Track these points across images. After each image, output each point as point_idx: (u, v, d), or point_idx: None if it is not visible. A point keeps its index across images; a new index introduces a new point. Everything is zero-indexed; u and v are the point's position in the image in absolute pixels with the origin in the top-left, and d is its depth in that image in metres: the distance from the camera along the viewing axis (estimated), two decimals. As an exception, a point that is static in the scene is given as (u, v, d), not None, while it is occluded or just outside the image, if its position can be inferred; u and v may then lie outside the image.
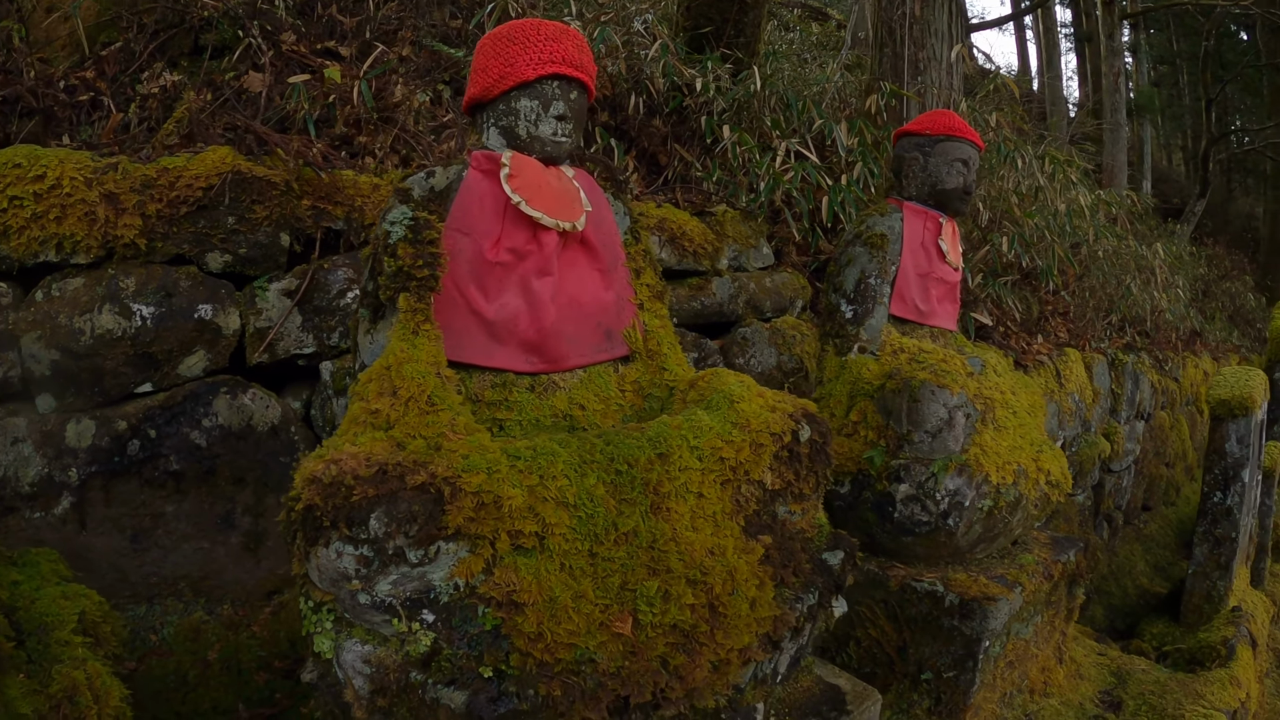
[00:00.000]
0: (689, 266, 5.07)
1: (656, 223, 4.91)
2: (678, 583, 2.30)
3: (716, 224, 5.31)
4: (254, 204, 3.79)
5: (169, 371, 3.61)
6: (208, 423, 3.62)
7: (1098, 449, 6.91)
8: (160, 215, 3.62)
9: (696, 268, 5.11)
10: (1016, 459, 3.71)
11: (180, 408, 3.60)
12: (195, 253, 3.70)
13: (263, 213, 3.81)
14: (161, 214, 3.62)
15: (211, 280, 3.70)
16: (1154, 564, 8.32)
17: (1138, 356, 7.91)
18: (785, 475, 2.66)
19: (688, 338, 4.93)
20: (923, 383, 3.59)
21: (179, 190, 3.65)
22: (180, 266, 3.66)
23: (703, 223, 5.23)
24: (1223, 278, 17.94)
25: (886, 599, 3.67)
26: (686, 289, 5.05)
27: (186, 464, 3.58)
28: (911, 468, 3.59)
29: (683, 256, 5.01)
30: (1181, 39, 29.33)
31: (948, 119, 4.11)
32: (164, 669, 3.52)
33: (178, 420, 3.58)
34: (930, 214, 4.13)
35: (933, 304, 4.15)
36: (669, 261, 4.94)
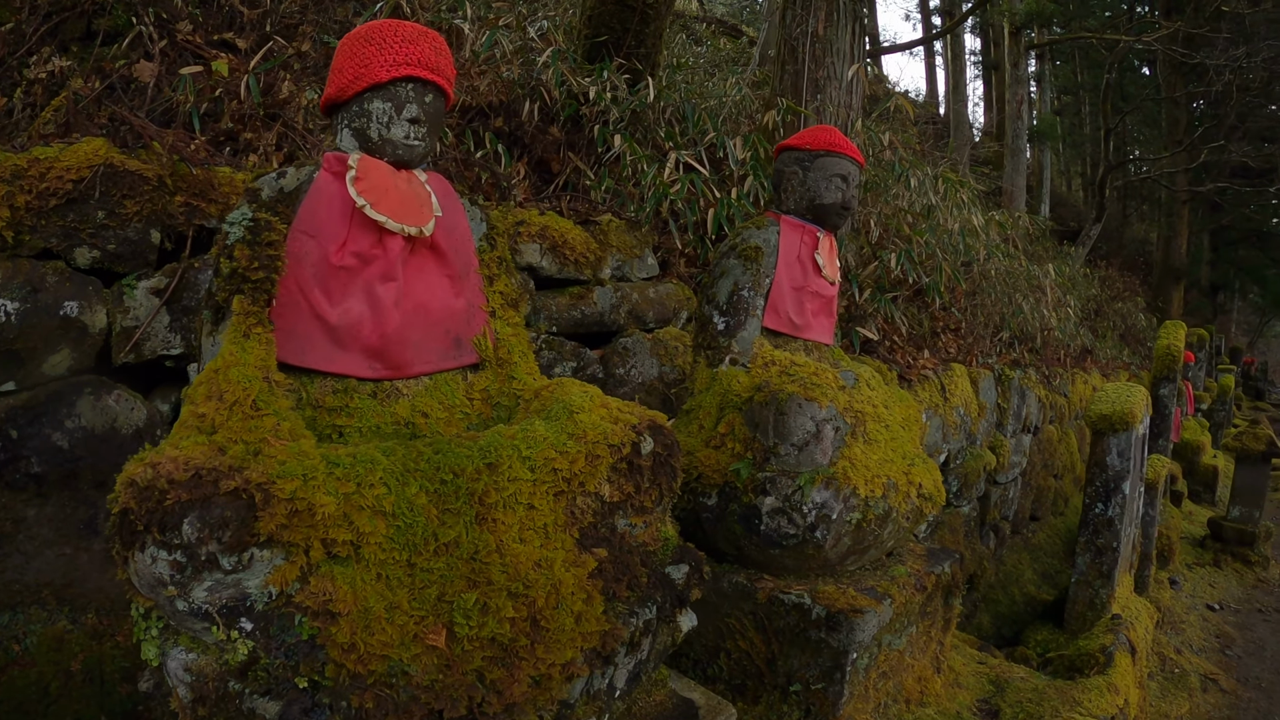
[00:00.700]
0: (570, 275, 4.96)
1: (538, 230, 4.80)
2: (498, 595, 2.21)
3: (600, 233, 5.19)
4: (125, 199, 3.59)
5: (32, 370, 3.40)
6: (70, 424, 3.42)
7: (983, 461, 6.87)
8: (29, 208, 3.41)
9: (578, 277, 5.00)
10: (887, 472, 3.61)
11: (43, 408, 3.40)
12: (63, 247, 3.50)
13: (134, 208, 3.62)
14: (30, 206, 3.41)
15: (79, 276, 3.50)
16: (1041, 572, 8.33)
17: (1024, 372, 7.89)
18: (625, 488, 2.57)
19: (567, 347, 4.82)
20: (790, 395, 3.48)
21: (49, 182, 3.45)
22: (47, 261, 3.46)
23: (586, 232, 5.11)
24: (1115, 298, 18.25)
25: (755, 611, 3.56)
26: (567, 298, 4.93)
27: (48, 466, 3.38)
28: (778, 480, 3.48)
29: (564, 265, 4.89)
30: (1085, 71, 29.97)
31: (828, 135, 4.03)
32: (26, 680, 3.34)
33: (40, 421, 3.38)
34: (808, 228, 4.04)
35: (808, 317, 4.06)
36: (549, 270, 4.83)
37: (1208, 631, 8.21)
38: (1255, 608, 9.29)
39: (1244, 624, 8.72)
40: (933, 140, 16.08)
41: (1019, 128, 17.68)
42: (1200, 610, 8.75)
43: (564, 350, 4.80)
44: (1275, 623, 8.88)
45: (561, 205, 5.33)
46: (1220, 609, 8.98)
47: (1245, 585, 10.05)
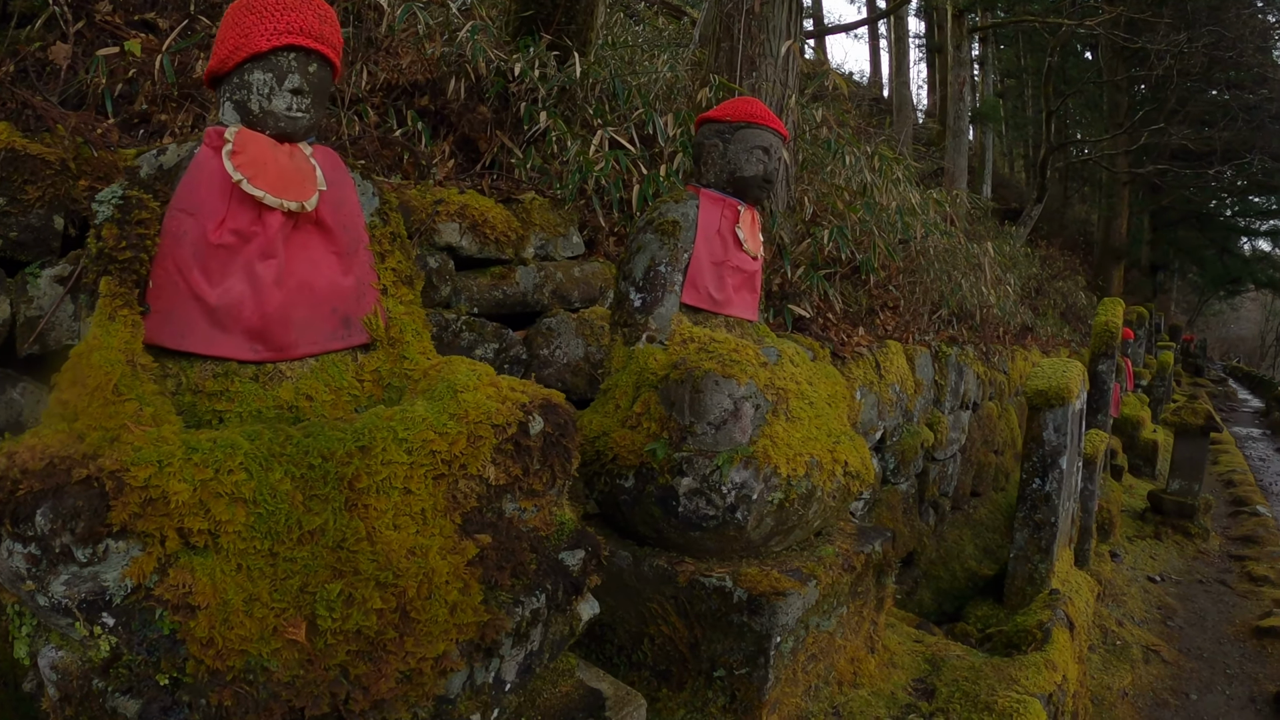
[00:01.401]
0: (491, 255, 4.78)
1: (457, 209, 4.61)
2: (365, 586, 2.05)
3: (523, 212, 5.00)
4: (26, 184, 3.36)
5: (-64, 362, 3.20)
6: (-28, 418, 3.21)
7: (920, 438, 6.73)
8: (-68, 195, 3.21)
9: (499, 256, 4.82)
10: (810, 450, 3.45)
11: (-57, 401, 3.19)
12: (-37, 236, 3.28)
13: (35, 194, 3.38)
14: (-67, 193, 3.21)
15: (-19, 265, 3.29)
16: (983, 547, 8.23)
17: (962, 349, 7.76)
18: (512, 470, 2.40)
19: (488, 328, 4.64)
20: (706, 373, 3.30)
21: (-50, 168, 3.25)
22: (-51, 250, 3.25)
23: (508, 210, 4.92)
24: (1055, 277, 18.32)
25: (676, 595, 3.39)
26: (489, 278, 4.75)
27: (-50, 463, 3.16)
28: (695, 460, 3.31)
29: (484, 244, 4.71)
30: (1028, 54, 30.07)
31: (749, 106, 3.86)
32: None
33: (-59, 415, 3.17)
34: (729, 201, 3.87)
35: (729, 293, 3.88)
36: (469, 250, 4.65)
37: (1149, 603, 8.15)
38: (1196, 579, 9.27)
39: (1185, 595, 8.69)
40: (876, 121, 15.96)
41: (961, 109, 17.60)
42: (1141, 582, 8.69)
43: (485, 331, 4.62)
44: (1216, 593, 8.87)
45: (483, 184, 5.12)
46: (1161, 580, 8.95)
47: (1186, 557, 10.04)
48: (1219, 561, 10.05)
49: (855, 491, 3.74)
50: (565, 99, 6.10)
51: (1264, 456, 19.37)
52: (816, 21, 31.74)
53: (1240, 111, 24.09)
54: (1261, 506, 12.65)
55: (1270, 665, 7.14)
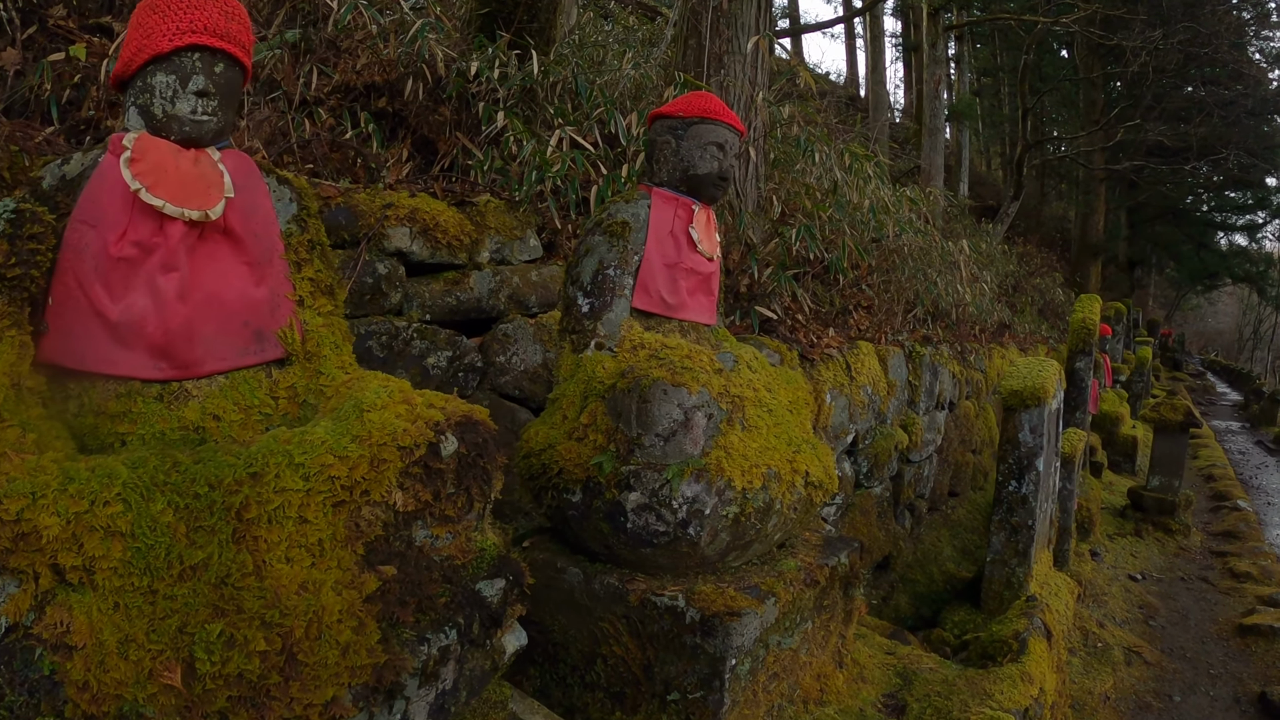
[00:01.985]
0: (443, 260, 4.56)
1: (407, 213, 4.40)
2: (249, 625, 1.87)
3: (477, 214, 4.78)
4: (-43, 194, 3.17)
5: None
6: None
7: (894, 440, 6.52)
8: None
9: (452, 261, 4.60)
10: (768, 461, 3.24)
11: None
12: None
13: (-33, 204, 3.19)
14: None
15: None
16: (961, 548, 8.03)
17: (936, 349, 7.56)
18: (422, 495, 2.19)
19: (441, 335, 4.44)
20: (655, 381, 3.10)
21: (-122, 181, 3.06)
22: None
23: (461, 213, 4.71)
24: (1033, 274, 18.24)
25: (628, 614, 3.18)
26: (441, 283, 4.54)
27: None
28: (643, 475, 3.10)
29: (436, 249, 4.50)
30: (1004, 53, 30.08)
31: (703, 101, 3.65)
32: None
33: None
34: (682, 201, 3.66)
35: (682, 296, 3.67)
36: (420, 255, 4.43)
37: (1130, 603, 7.98)
38: (1178, 576, 9.13)
39: (1167, 593, 8.54)
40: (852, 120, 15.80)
41: (937, 107, 17.47)
42: (1122, 581, 8.52)
43: (438, 339, 4.43)
44: (1198, 591, 8.72)
45: (435, 187, 4.91)
46: (1143, 579, 8.78)
47: (1167, 554, 9.90)
48: (1201, 558, 9.91)
49: (818, 502, 3.54)
50: (528, 99, 5.89)
51: (1243, 450, 19.30)
52: (792, 20, 31.65)
53: (1216, 107, 24.20)
54: (1242, 501, 12.53)
55: (1254, 664, 6.98)
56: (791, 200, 7.10)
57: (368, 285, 4.19)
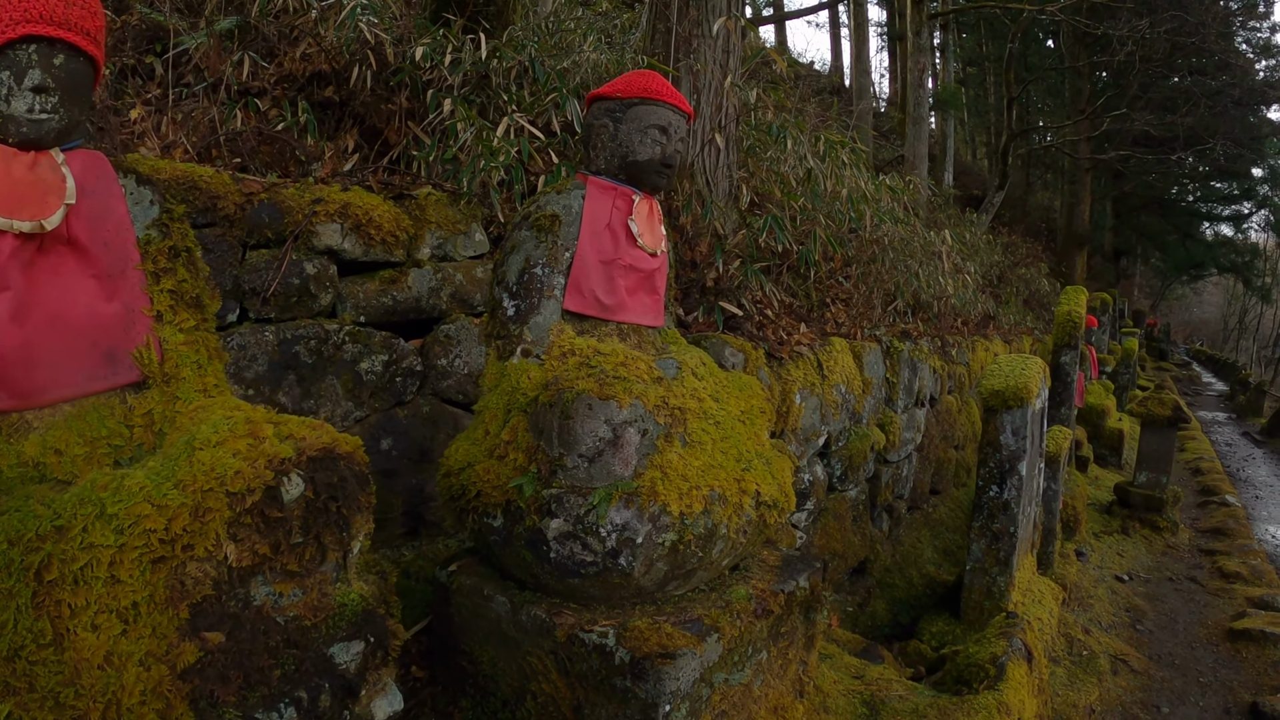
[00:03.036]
0: (379, 257, 4.17)
1: (338, 209, 4.00)
2: (39, 707, 1.58)
3: (416, 208, 4.38)
4: None
5: None
6: None
7: (870, 441, 6.13)
8: None
9: (388, 258, 4.21)
10: (711, 481, 2.86)
11: None
12: None
13: None
14: None
15: None
16: (942, 549, 7.66)
17: (915, 344, 7.15)
18: (259, 547, 1.83)
19: (375, 339, 4.07)
20: (578, 395, 2.71)
21: None
22: None
23: (398, 207, 4.31)
24: (1018, 264, 18.01)
25: (555, 650, 2.81)
26: (377, 283, 4.15)
27: None
28: (565, 499, 2.73)
29: (370, 246, 4.10)
30: (990, 42, 29.87)
31: (643, 79, 3.25)
32: None
33: None
34: (621, 190, 3.27)
35: (620, 296, 3.27)
36: (353, 253, 4.05)
37: (1117, 605, 7.63)
38: (1166, 576, 8.80)
39: (1154, 594, 8.21)
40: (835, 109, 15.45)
41: (921, 96, 17.12)
42: (1109, 582, 8.17)
43: (372, 342, 4.06)
44: (1186, 591, 8.40)
45: (370, 179, 4.51)
46: (1130, 580, 8.44)
47: (1155, 553, 9.58)
48: (1189, 557, 9.58)
49: (772, 523, 3.15)
50: (483, 86, 5.49)
51: (1230, 441, 19.06)
52: (776, 8, 31.25)
53: (1203, 97, 24.00)
54: (1230, 496, 12.26)
55: (1245, 671, 6.64)
56: (763, 189, 6.71)
57: (294, 287, 3.81)
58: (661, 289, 3.46)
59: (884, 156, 19.79)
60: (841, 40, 35.67)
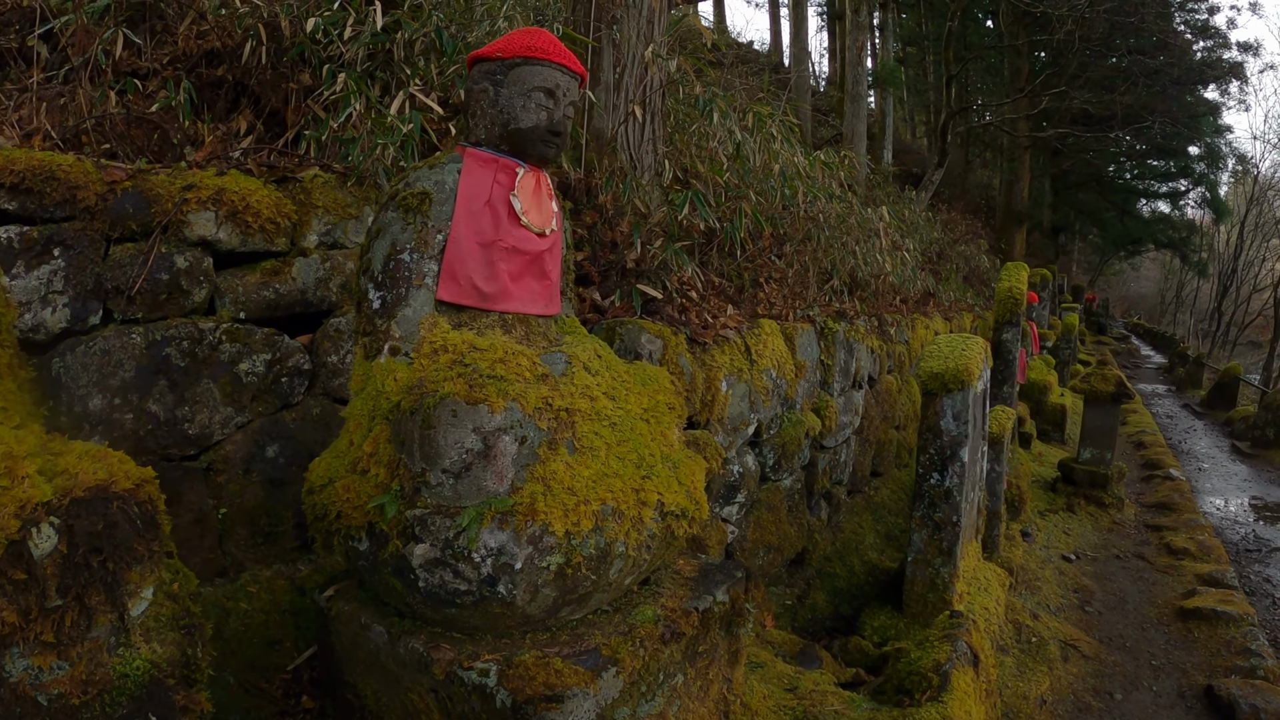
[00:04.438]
0: (258, 247, 3.70)
1: (211, 195, 3.52)
2: None
3: (301, 192, 3.91)
4: None
5: None
6: None
7: (805, 427, 5.72)
8: None
9: (269, 248, 3.75)
10: (603, 494, 2.45)
11: None
12: None
13: None
14: None
15: None
16: (884, 533, 7.31)
17: (851, 324, 6.74)
18: (5, 614, 1.38)
19: (256, 336, 3.64)
20: (442, 400, 2.30)
21: None
22: None
23: (280, 191, 3.84)
24: (958, 241, 17.84)
25: (435, 688, 2.41)
26: (257, 275, 3.69)
27: None
28: (430, 521, 2.32)
29: (248, 235, 3.64)
30: (930, 21, 29.90)
31: (527, 37, 2.82)
32: None
33: None
34: (503, 163, 2.84)
35: (503, 282, 2.83)
36: (230, 243, 3.59)
37: (1065, 586, 7.33)
38: (1113, 554, 8.54)
39: (1102, 573, 7.95)
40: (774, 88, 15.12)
41: (860, 74, 16.77)
42: (1056, 563, 7.86)
43: (253, 340, 3.62)
44: (1134, 569, 8.15)
45: (250, 162, 4.03)
46: (1077, 559, 8.16)
47: (1101, 529, 9.32)
48: (1135, 533, 9.33)
49: (681, 534, 2.74)
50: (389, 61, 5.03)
51: (1171, 413, 18.97)
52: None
53: (1141, 76, 24.04)
54: (1174, 469, 12.09)
55: (1198, 652, 6.35)
56: (691, 166, 6.28)
57: (163, 283, 3.37)
58: (554, 272, 3.02)
59: (823, 135, 19.54)
60: (781, 20, 35.27)
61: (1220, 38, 28.54)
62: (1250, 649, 6.24)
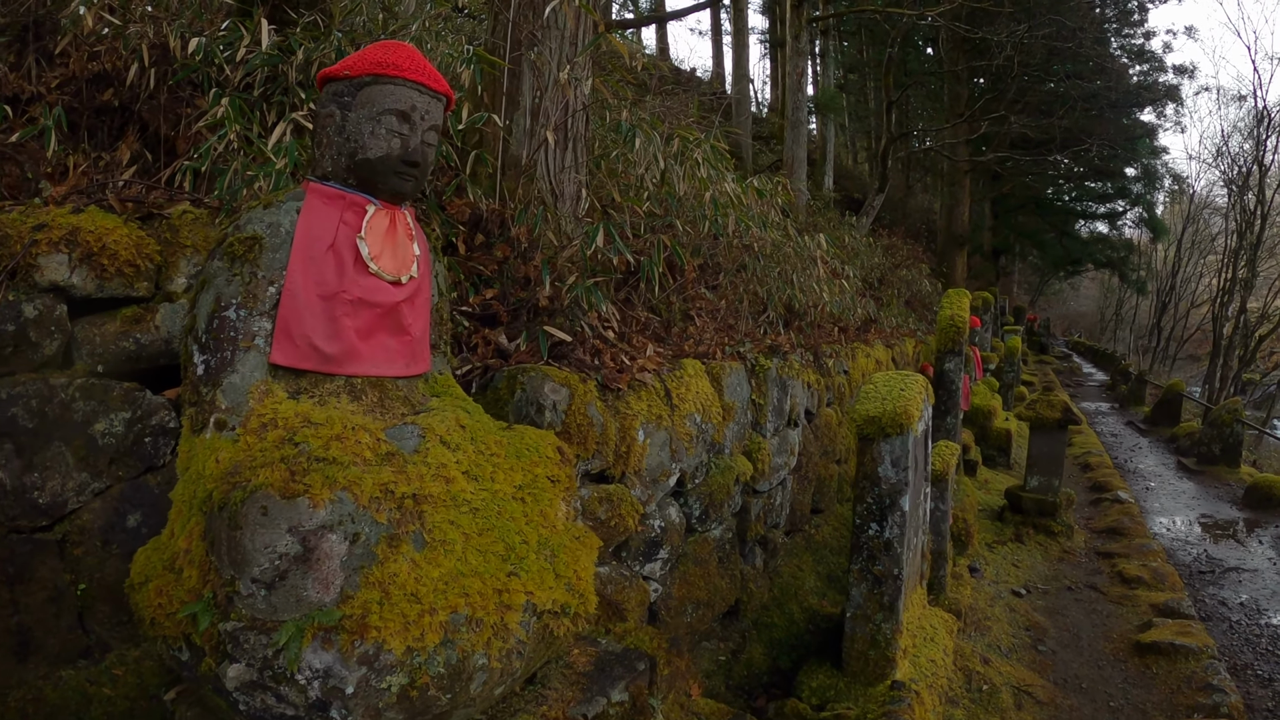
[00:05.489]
0: (117, 292, 3.24)
1: (65, 235, 3.06)
2: None
3: (168, 229, 3.44)
4: None
5: None
6: None
7: (734, 473, 5.26)
8: None
9: (130, 293, 3.27)
10: (454, 599, 2.01)
11: None
12: None
13: None
14: None
15: None
16: (827, 575, 6.87)
17: (784, 360, 6.30)
18: None
19: (115, 392, 3.16)
20: (251, 494, 1.86)
21: None
22: None
23: (144, 229, 3.37)
24: (899, 266, 17.62)
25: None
26: (117, 323, 3.23)
27: None
28: (244, 638, 1.87)
29: (105, 279, 3.17)
30: (870, 48, 30.23)
31: (379, 52, 2.40)
32: None
33: None
34: (351, 199, 2.41)
35: (350, 341, 2.38)
36: (85, 289, 3.12)
37: (1016, 625, 6.96)
38: (1064, 585, 8.18)
39: (1054, 607, 7.58)
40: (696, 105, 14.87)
41: (800, 99, 16.51)
42: (1006, 599, 7.50)
43: (110, 398, 3.14)
44: (1088, 601, 7.81)
45: (111, 198, 3.56)
46: (1027, 593, 7.80)
47: (1051, 559, 8.96)
48: (1086, 561, 8.99)
49: (562, 634, 2.29)
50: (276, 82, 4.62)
51: (1115, 432, 18.80)
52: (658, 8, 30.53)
53: (1079, 100, 24.26)
54: (1122, 491, 11.81)
55: (1157, 690, 6.02)
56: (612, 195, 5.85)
57: (9, 334, 2.91)
58: (416, 325, 2.57)
59: (764, 161, 19.32)
60: (724, 47, 35.22)
61: (1156, 62, 29.21)
62: (1212, 684, 5.92)
